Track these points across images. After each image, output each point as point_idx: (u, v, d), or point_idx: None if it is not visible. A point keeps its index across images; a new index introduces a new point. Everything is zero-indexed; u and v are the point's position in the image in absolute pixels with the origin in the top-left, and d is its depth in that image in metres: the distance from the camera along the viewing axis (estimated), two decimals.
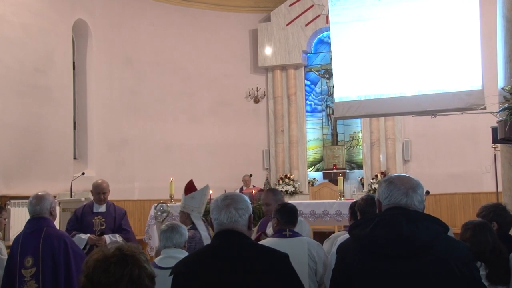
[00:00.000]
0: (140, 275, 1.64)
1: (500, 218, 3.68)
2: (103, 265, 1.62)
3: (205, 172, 12.48)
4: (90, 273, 1.62)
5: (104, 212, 5.50)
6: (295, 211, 3.97)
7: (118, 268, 1.61)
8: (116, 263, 1.62)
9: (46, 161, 9.88)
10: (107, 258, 1.63)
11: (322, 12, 12.56)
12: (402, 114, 10.49)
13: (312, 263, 3.71)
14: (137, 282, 1.62)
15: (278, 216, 3.94)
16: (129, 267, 1.62)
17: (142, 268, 1.65)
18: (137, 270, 1.63)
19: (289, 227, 3.85)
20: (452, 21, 8.76)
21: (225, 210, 2.39)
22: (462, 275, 2.06)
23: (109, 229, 5.41)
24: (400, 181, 2.24)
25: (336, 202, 7.98)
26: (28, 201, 4.12)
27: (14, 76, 9.49)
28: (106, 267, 1.61)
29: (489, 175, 10.42)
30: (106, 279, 1.60)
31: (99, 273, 1.61)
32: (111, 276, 1.60)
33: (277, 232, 3.88)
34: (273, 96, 13.28)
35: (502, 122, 4.64)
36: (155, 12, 12.55)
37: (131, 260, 1.64)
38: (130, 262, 1.63)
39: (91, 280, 1.62)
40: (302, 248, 3.69)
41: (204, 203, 5.08)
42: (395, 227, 2.11)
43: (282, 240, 3.74)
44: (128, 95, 12.03)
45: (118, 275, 1.61)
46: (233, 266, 2.26)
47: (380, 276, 2.10)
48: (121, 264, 1.62)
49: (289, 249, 3.61)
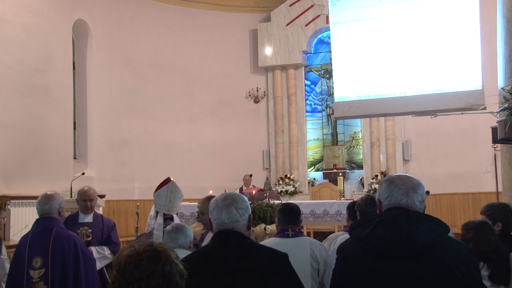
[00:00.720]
0: (172, 271, 1.66)
1: (505, 219, 3.68)
2: (135, 260, 1.64)
3: (205, 172, 12.51)
4: (122, 268, 1.64)
5: (91, 222, 5.12)
6: (297, 211, 3.94)
7: (150, 263, 1.63)
8: (148, 258, 1.64)
9: (46, 161, 9.87)
10: (139, 253, 1.65)
11: (322, 12, 12.57)
12: (402, 114, 10.49)
13: (315, 262, 3.71)
14: (168, 277, 1.64)
15: (279, 216, 3.93)
16: (161, 263, 1.64)
17: (174, 264, 1.67)
18: (168, 266, 1.65)
19: (291, 227, 3.84)
20: (452, 21, 8.76)
21: (225, 210, 2.39)
22: (462, 275, 2.06)
23: (97, 241, 5.05)
24: (400, 181, 2.24)
25: (336, 202, 8.00)
26: (37, 200, 4.04)
27: (14, 76, 9.48)
28: (139, 262, 1.63)
29: (489, 175, 10.41)
30: (138, 274, 1.62)
31: (131, 267, 1.63)
32: (144, 271, 1.62)
33: (280, 232, 3.87)
34: (273, 96, 13.28)
35: (502, 122, 4.64)
36: (155, 12, 12.55)
37: (163, 256, 1.66)
38: (162, 258, 1.65)
39: (123, 275, 1.63)
40: (304, 248, 3.69)
41: (173, 200, 4.87)
42: (396, 228, 2.11)
43: (285, 240, 3.74)
44: (128, 95, 12.03)
45: (150, 270, 1.62)
46: (233, 266, 2.26)
47: (381, 276, 2.09)
48: (153, 259, 1.64)
49: (291, 249, 3.62)
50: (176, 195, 4.92)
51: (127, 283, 1.62)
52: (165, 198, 4.84)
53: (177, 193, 4.94)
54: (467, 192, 10.86)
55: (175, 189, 4.95)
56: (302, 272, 3.62)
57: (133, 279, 1.62)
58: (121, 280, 1.64)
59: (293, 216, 3.91)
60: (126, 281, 1.62)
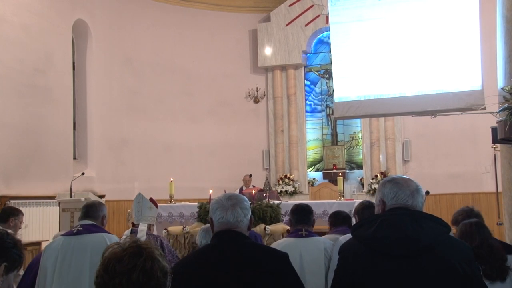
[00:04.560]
0: (153, 267, 1.70)
1: None
2: (119, 255, 1.70)
3: (205, 172, 12.51)
4: (106, 263, 1.70)
5: None
6: (308, 210, 3.86)
7: (132, 259, 1.68)
8: (131, 253, 1.70)
9: (46, 161, 9.87)
10: (123, 249, 1.71)
11: (322, 12, 12.57)
12: (402, 114, 10.49)
13: (329, 262, 3.68)
14: (149, 273, 1.68)
15: (291, 216, 3.89)
16: (143, 258, 1.69)
17: (156, 261, 1.71)
18: (150, 262, 1.70)
19: (304, 226, 3.78)
20: (452, 21, 8.75)
21: (231, 210, 2.39)
22: (465, 274, 2.07)
23: None
24: (405, 183, 2.27)
25: (336, 202, 7.99)
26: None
27: (14, 76, 9.48)
28: (121, 257, 1.69)
29: (489, 175, 10.42)
30: (120, 268, 1.67)
31: (114, 262, 1.68)
32: (125, 265, 1.67)
33: (293, 232, 3.82)
34: (273, 96, 13.28)
35: (502, 122, 4.64)
36: (155, 12, 12.56)
37: (145, 252, 1.71)
38: (144, 254, 1.70)
39: (106, 270, 1.69)
40: (318, 248, 3.67)
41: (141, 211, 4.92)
42: (400, 227, 2.12)
43: (299, 240, 3.70)
44: (128, 95, 12.04)
45: (132, 265, 1.67)
46: (233, 266, 2.27)
47: (384, 275, 2.10)
48: (136, 255, 1.69)
49: (306, 249, 3.63)
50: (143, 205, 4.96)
51: (110, 277, 1.67)
52: (135, 210, 4.93)
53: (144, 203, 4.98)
54: (467, 192, 10.86)
55: (142, 200, 5.01)
56: (317, 271, 3.61)
57: (115, 274, 1.66)
58: (104, 275, 1.68)
59: (304, 215, 3.84)
60: (109, 275, 1.67)
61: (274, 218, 6.94)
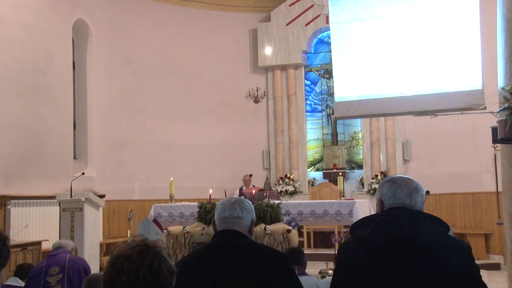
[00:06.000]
0: (160, 266, 1.72)
1: None
2: (126, 253, 1.72)
3: (205, 172, 12.52)
4: (114, 260, 1.72)
5: None
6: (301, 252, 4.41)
7: (140, 256, 1.70)
8: (138, 251, 1.72)
9: (46, 161, 9.88)
10: (131, 248, 1.74)
11: (322, 12, 12.57)
12: (402, 114, 10.48)
13: None
14: (156, 271, 1.70)
15: None
16: (150, 256, 1.71)
17: (163, 259, 1.73)
18: (157, 260, 1.72)
19: (296, 266, 3.93)
20: (452, 21, 8.75)
21: (229, 206, 2.46)
22: (464, 274, 2.07)
23: None
24: (403, 182, 2.27)
25: (336, 202, 7.99)
26: None
27: (14, 76, 9.48)
28: (129, 255, 1.71)
29: (489, 175, 10.40)
30: (127, 266, 1.69)
31: (122, 259, 1.71)
32: (133, 263, 1.69)
33: None
34: (273, 96, 13.28)
35: (502, 122, 4.63)
36: (155, 12, 12.56)
37: (153, 250, 1.74)
38: (152, 252, 1.73)
39: (114, 267, 1.71)
40: (311, 285, 3.82)
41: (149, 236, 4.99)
42: (398, 227, 2.12)
43: None
44: (128, 95, 12.04)
45: (139, 262, 1.69)
46: (233, 265, 2.27)
47: (382, 276, 2.10)
48: (143, 253, 1.72)
49: None
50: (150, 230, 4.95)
51: (117, 274, 1.69)
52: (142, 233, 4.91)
53: (151, 229, 4.96)
54: (467, 192, 10.85)
55: (149, 225, 4.98)
56: None
57: (122, 271, 1.68)
58: (111, 272, 1.70)
59: (297, 257, 4.20)
60: (117, 272, 1.69)
61: (274, 218, 6.94)
